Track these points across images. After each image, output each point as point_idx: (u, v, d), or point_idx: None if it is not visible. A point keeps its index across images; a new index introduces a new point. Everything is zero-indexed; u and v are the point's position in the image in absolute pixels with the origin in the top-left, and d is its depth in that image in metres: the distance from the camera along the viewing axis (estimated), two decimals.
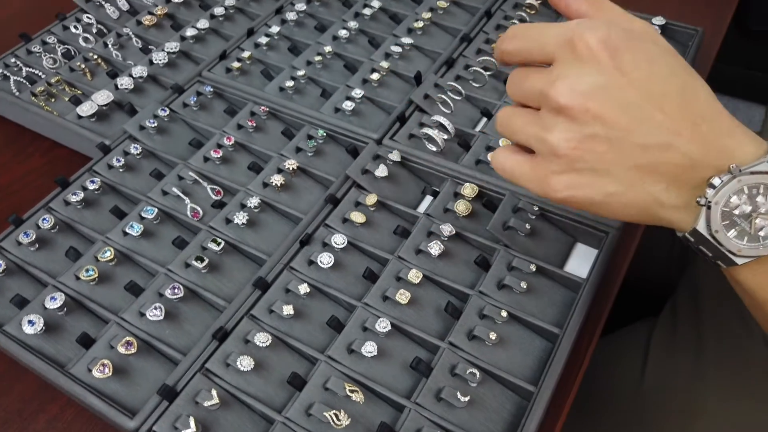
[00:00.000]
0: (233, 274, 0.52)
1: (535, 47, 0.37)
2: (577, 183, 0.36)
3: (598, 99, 0.34)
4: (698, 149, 0.34)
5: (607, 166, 0.35)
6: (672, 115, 0.34)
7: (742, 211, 0.34)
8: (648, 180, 0.35)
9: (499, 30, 0.72)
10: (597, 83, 0.34)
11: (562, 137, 0.35)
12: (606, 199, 0.36)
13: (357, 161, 0.57)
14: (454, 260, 0.51)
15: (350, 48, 0.72)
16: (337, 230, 0.53)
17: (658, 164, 0.34)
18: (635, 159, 0.34)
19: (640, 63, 0.34)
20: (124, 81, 0.67)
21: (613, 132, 0.34)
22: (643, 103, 0.34)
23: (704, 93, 0.35)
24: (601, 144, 0.35)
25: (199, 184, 0.58)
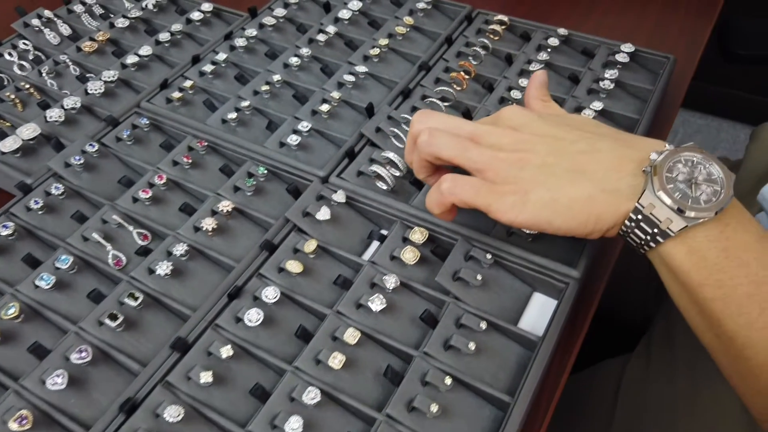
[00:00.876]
0: (153, 331, 0.46)
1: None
2: (527, 186, 0.41)
3: (527, 129, 0.43)
4: (622, 143, 0.41)
5: (550, 170, 0.40)
6: (592, 131, 0.43)
7: (683, 176, 0.38)
8: (585, 176, 0.39)
9: (459, 57, 0.68)
10: (521, 121, 0.44)
11: (504, 152, 0.42)
12: (554, 197, 0.40)
13: (298, 203, 0.52)
14: (398, 315, 0.46)
15: (302, 76, 0.67)
16: (271, 281, 0.48)
17: (589, 161, 0.40)
18: (570, 160, 0.40)
19: (555, 115, 0.46)
20: (54, 113, 0.62)
21: (546, 145, 0.41)
22: (562, 125, 0.43)
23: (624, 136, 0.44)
24: (536, 158, 0.41)
25: (126, 227, 0.53)
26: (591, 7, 0.81)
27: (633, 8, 0.79)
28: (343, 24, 0.73)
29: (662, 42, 0.73)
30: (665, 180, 0.37)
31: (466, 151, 0.42)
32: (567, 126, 0.42)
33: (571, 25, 0.76)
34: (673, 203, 0.36)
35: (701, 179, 0.37)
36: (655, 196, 0.37)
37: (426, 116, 0.46)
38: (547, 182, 0.40)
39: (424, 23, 0.74)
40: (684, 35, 0.73)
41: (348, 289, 0.47)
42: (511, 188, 0.40)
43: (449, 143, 0.43)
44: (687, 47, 0.72)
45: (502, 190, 0.41)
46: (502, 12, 0.79)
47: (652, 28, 0.76)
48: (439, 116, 0.46)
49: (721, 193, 0.37)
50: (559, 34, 0.69)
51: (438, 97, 0.63)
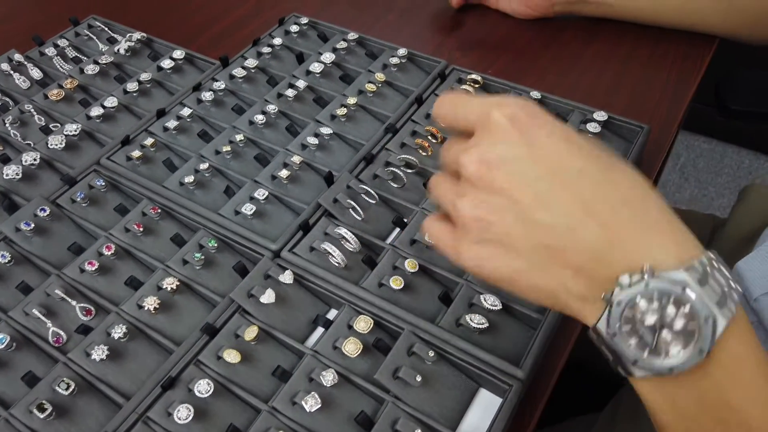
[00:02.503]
0: (84, 421, 0.45)
1: (460, 115, 0.37)
2: (486, 255, 0.35)
3: (504, 170, 0.33)
4: (606, 239, 0.31)
5: (513, 241, 0.33)
6: (582, 196, 0.32)
7: (646, 319, 0.30)
8: (554, 262, 0.33)
9: (428, 118, 0.66)
10: (506, 155, 0.33)
11: (469, 205, 0.35)
12: (513, 275, 0.35)
13: (244, 282, 0.51)
14: (334, 413, 0.45)
15: (267, 134, 0.66)
16: (208, 369, 0.47)
17: (565, 248, 0.32)
18: (540, 237, 0.33)
19: (551, 139, 0.33)
20: (11, 170, 0.61)
21: (518, 206, 0.33)
22: (550, 179, 0.33)
23: (630, 178, 0.33)
24: (507, 217, 0.33)
25: (73, 297, 0.52)
26: (571, 65, 0.79)
27: (613, 67, 0.77)
28: (315, 77, 0.72)
29: (642, 105, 0.71)
30: (622, 320, 0.30)
31: (442, 193, 0.38)
32: (559, 178, 0.32)
33: (548, 84, 0.74)
34: (626, 351, 0.30)
35: (677, 324, 0.29)
36: (609, 335, 0.31)
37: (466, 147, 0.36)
38: (507, 259, 0.34)
39: (397, 78, 0.72)
40: (662, 104, 0.70)
41: (286, 382, 0.46)
42: (472, 246, 0.35)
43: (444, 192, 0.38)
44: (668, 110, 0.70)
45: (465, 243, 0.36)
46: (479, 66, 0.78)
47: (633, 87, 0.73)
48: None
49: (700, 340, 0.29)
50: (531, 97, 0.67)
51: (402, 163, 0.61)
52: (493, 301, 0.49)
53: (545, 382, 0.48)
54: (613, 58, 0.79)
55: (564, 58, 0.80)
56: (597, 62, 0.78)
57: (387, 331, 0.49)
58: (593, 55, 0.80)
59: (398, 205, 0.58)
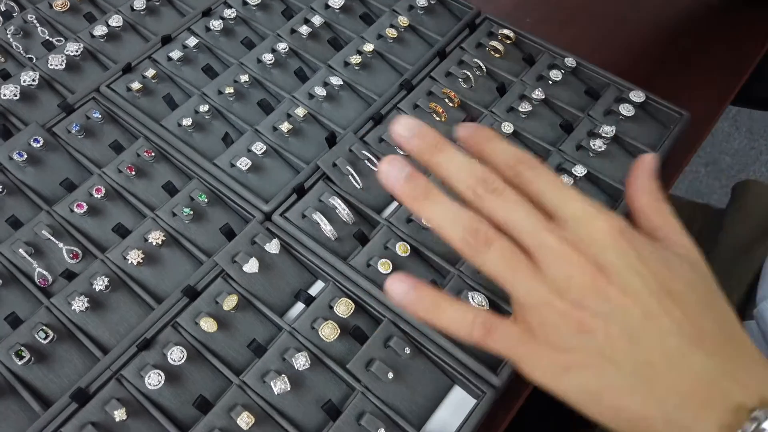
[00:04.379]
0: (62, 368, 0.46)
1: (546, 193, 0.32)
2: (573, 363, 0.30)
3: (619, 280, 0.29)
4: (719, 367, 0.29)
5: (614, 354, 0.29)
6: (692, 318, 0.29)
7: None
8: (658, 385, 0.29)
9: (449, 77, 0.61)
10: (619, 264, 0.30)
11: (569, 307, 0.30)
12: (602, 391, 0.30)
13: (230, 246, 0.50)
14: (303, 395, 0.45)
15: (275, 74, 0.62)
16: (185, 332, 0.47)
17: (672, 370, 0.29)
18: (647, 355, 0.29)
19: (655, 255, 0.31)
20: (8, 90, 0.59)
21: (627, 318, 0.29)
22: (660, 296, 0.29)
23: (725, 304, 0.31)
24: (612, 327, 0.29)
25: (58, 238, 0.51)
26: (615, 29, 0.70)
27: (659, 45, 0.69)
28: (334, 12, 0.66)
29: (686, 90, 0.64)
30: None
31: (514, 272, 0.30)
32: (669, 297, 0.30)
33: (586, 47, 0.67)
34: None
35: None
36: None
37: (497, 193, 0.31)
38: (601, 372, 0.29)
39: (423, 22, 0.66)
40: (709, 89, 0.63)
41: (260, 357, 0.46)
42: (552, 352, 0.30)
43: (498, 255, 0.31)
44: (707, 106, 0.63)
45: (540, 348, 0.30)
46: (516, 12, 0.71)
47: (671, 79, 0.66)
48: (508, 197, 0.31)
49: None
50: (565, 65, 0.61)
51: None
52: (481, 300, 0.47)
53: (522, 386, 0.47)
54: (661, 29, 0.70)
55: (608, 16, 0.71)
56: (643, 31, 0.70)
57: (368, 314, 0.48)
58: (640, 21, 0.71)
59: None
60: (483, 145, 0.33)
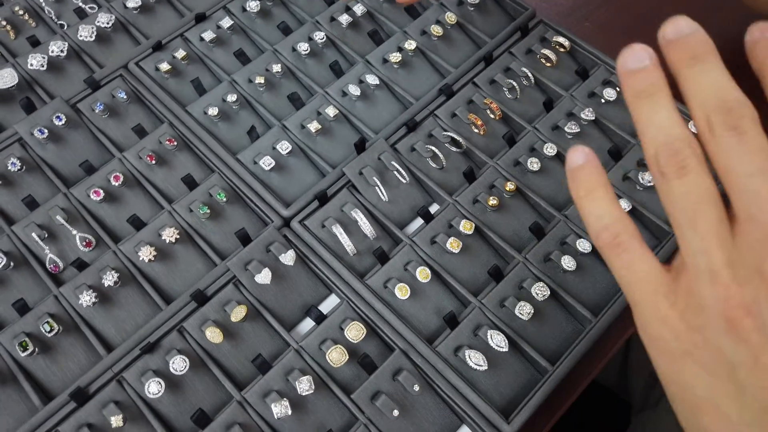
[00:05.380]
0: (66, 362, 0.46)
1: None
2: (699, 355, 0.25)
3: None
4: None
5: (750, 385, 0.24)
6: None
7: None
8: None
9: (493, 85, 0.57)
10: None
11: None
12: (703, 403, 0.25)
13: (244, 252, 0.48)
14: (303, 423, 0.43)
15: (310, 65, 0.59)
16: (190, 339, 0.45)
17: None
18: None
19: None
20: (35, 61, 0.57)
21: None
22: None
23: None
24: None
25: (73, 223, 0.50)
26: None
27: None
28: (377, 1, 0.62)
29: None
30: None
31: (696, 219, 0.25)
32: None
33: None
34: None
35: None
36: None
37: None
38: (719, 390, 0.25)
39: (472, 20, 0.61)
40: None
41: (264, 374, 0.44)
42: (681, 323, 0.25)
43: (686, 191, 0.25)
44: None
45: (671, 311, 0.26)
46: (574, 14, 0.65)
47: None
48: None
49: None
50: None
51: (446, 140, 0.53)
52: (500, 341, 0.44)
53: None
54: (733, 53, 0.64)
55: None
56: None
57: (380, 338, 0.46)
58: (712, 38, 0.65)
59: (431, 189, 0.52)
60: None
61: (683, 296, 0.25)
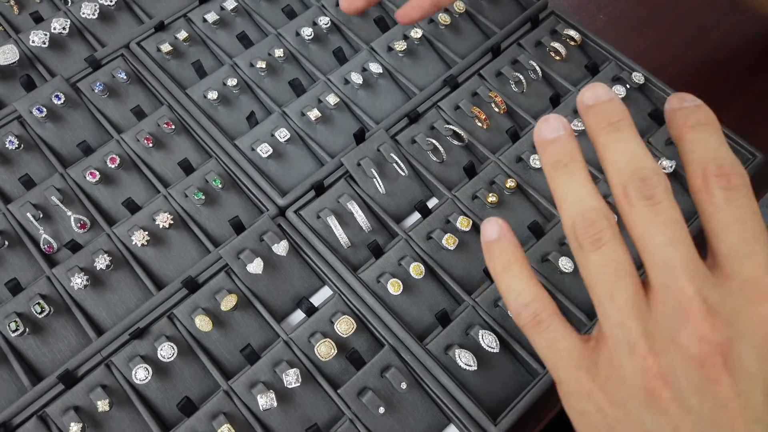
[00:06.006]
0: (56, 343, 0.46)
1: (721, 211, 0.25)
2: (622, 428, 0.25)
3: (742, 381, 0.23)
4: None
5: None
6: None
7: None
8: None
9: (499, 77, 0.55)
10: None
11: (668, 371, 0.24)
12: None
13: (237, 240, 0.47)
14: (288, 415, 0.43)
15: (314, 52, 0.58)
16: (180, 325, 0.45)
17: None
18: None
19: None
20: (37, 38, 0.56)
21: (716, 428, 0.23)
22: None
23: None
24: (690, 427, 0.24)
25: (69, 204, 0.50)
26: (694, 42, 0.62)
27: (740, 69, 0.61)
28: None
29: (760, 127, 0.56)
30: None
31: (612, 292, 0.25)
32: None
33: (659, 59, 0.60)
34: None
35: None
36: None
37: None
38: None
39: (482, 9, 0.60)
40: None
41: (252, 364, 0.44)
42: (603, 397, 0.25)
43: (601, 263, 0.25)
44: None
45: (593, 385, 0.26)
46: (589, 6, 0.63)
47: (753, 104, 0.58)
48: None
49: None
50: (632, 80, 0.54)
51: (449, 132, 0.52)
52: (490, 341, 0.43)
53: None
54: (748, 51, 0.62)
55: (694, 21, 0.63)
56: (727, 48, 0.62)
57: (370, 333, 0.46)
58: (726, 35, 0.63)
59: (430, 183, 0.51)
60: (685, 130, 0.26)
61: (604, 368, 0.25)
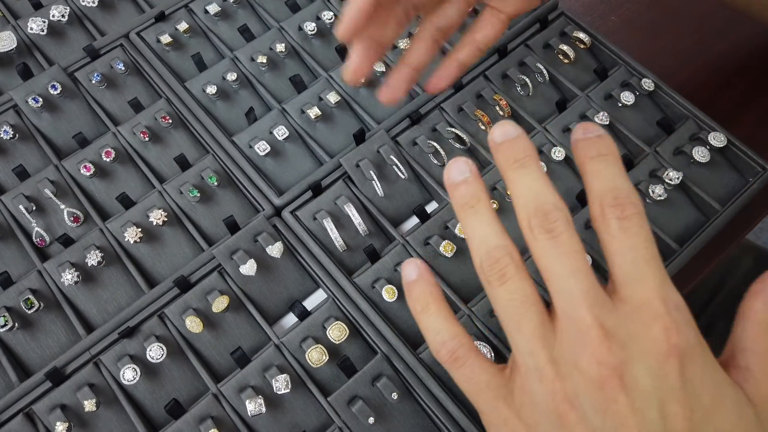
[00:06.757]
0: (46, 338, 0.45)
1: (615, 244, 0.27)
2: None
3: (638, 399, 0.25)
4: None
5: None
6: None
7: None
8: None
9: (505, 79, 0.54)
10: (655, 386, 0.25)
11: (570, 394, 0.25)
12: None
13: (230, 240, 0.46)
14: (277, 420, 0.42)
15: (316, 47, 0.56)
16: (170, 325, 0.45)
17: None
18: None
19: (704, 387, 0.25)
20: (36, 25, 0.55)
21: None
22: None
23: None
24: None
25: (62, 197, 0.49)
26: (707, 46, 0.61)
27: (754, 77, 0.59)
28: None
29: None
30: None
31: (519, 323, 0.27)
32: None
33: (672, 64, 0.58)
34: None
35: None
36: None
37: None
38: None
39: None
40: None
41: (242, 367, 0.43)
42: (519, 423, 0.27)
43: (508, 297, 0.27)
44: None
45: (509, 411, 0.27)
46: (601, 6, 0.62)
47: (761, 121, 0.56)
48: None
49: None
50: (642, 87, 0.53)
51: (450, 136, 0.51)
52: (485, 354, 0.42)
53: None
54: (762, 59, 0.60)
55: (708, 25, 0.62)
56: (741, 54, 0.60)
57: (363, 340, 0.45)
58: (741, 41, 0.61)
59: (430, 187, 0.50)
60: (586, 160, 0.27)
61: (518, 395, 0.27)
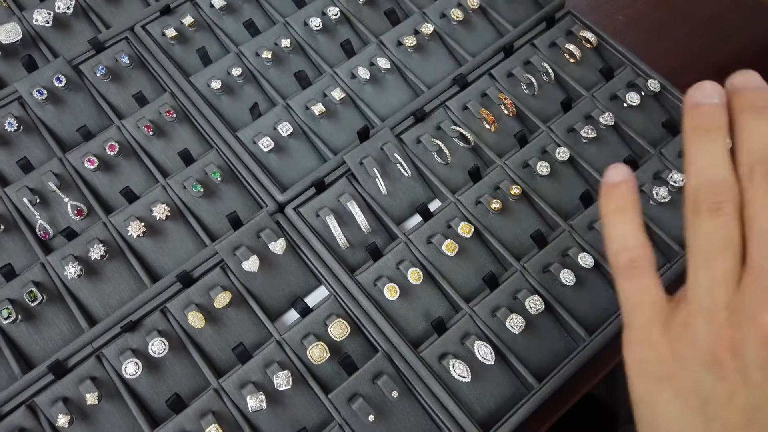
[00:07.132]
0: (48, 331, 0.45)
1: None
2: (679, 383, 0.26)
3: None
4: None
5: (720, 420, 0.25)
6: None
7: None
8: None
9: (510, 78, 0.54)
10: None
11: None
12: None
13: (233, 236, 0.46)
14: (278, 416, 0.43)
15: (321, 43, 0.56)
16: (173, 320, 0.45)
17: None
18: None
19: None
20: (41, 17, 0.55)
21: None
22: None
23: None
24: (746, 398, 0.24)
25: (66, 190, 0.49)
26: (713, 48, 0.60)
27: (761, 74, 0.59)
28: None
29: None
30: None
31: (713, 261, 0.25)
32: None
33: (677, 64, 0.58)
34: None
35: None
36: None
37: None
38: (689, 419, 0.26)
39: (496, 5, 0.58)
40: None
41: (243, 363, 0.43)
42: (667, 351, 0.26)
43: (710, 232, 0.25)
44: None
45: (660, 337, 0.26)
46: (608, 4, 0.62)
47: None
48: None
49: None
50: (648, 88, 0.52)
51: (455, 134, 0.51)
52: (486, 354, 0.42)
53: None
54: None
55: (715, 26, 0.61)
56: (748, 56, 0.60)
57: (365, 338, 0.45)
58: (747, 43, 0.61)
59: (433, 185, 0.50)
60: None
61: (678, 327, 0.26)
